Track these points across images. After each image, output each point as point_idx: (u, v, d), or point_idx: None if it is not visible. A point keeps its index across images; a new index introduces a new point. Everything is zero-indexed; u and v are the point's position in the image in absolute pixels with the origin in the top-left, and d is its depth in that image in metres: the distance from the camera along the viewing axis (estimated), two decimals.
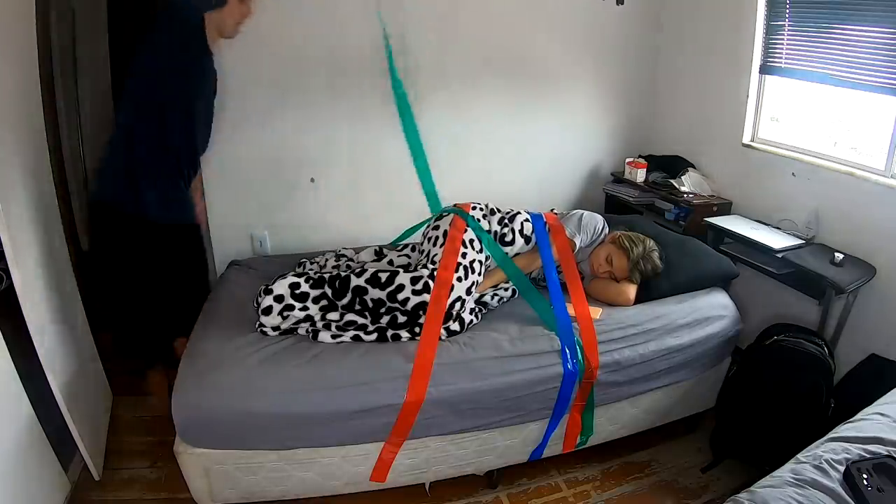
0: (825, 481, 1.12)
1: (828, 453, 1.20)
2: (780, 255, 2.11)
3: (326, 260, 2.08)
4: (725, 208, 2.59)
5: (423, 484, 1.75)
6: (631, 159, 2.93)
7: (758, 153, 2.51)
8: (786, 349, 1.80)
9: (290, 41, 2.35)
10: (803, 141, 2.38)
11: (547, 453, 1.81)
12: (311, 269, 2.02)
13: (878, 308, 2.02)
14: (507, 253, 1.97)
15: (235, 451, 1.52)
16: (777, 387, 1.78)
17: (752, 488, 1.14)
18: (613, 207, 2.94)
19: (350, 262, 2.07)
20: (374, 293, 1.67)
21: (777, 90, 2.48)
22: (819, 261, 2.04)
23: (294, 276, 1.72)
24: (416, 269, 1.75)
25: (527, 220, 2.04)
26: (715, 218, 2.46)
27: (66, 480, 1.68)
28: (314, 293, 1.68)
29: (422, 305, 1.67)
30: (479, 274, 1.85)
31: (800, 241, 2.20)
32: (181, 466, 1.54)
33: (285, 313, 1.66)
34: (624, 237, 1.96)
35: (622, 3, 2.78)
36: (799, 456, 1.22)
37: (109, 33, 3.20)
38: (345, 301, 1.69)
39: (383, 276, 1.69)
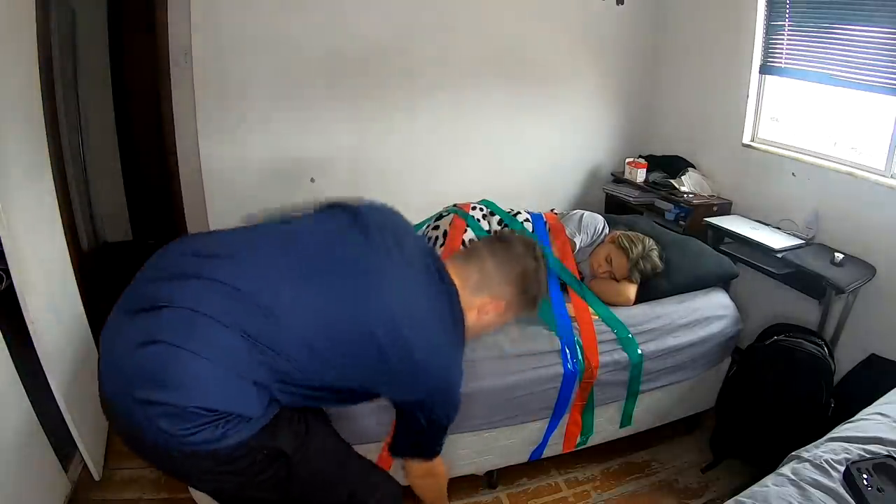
0: (825, 481, 1.11)
1: (828, 453, 1.19)
2: (780, 255, 2.11)
3: None
4: (725, 208, 2.59)
5: None
6: (631, 159, 2.93)
7: (758, 153, 2.51)
8: (786, 349, 1.80)
9: (290, 42, 2.35)
10: (803, 141, 2.38)
11: (547, 453, 1.81)
12: None
13: (878, 308, 2.02)
14: None
15: None
16: (777, 387, 1.78)
17: (752, 488, 1.14)
18: (613, 207, 2.94)
19: None
20: None
21: (777, 90, 2.48)
22: (819, 261, 2.04)
23: None
24: None
25: (527, 220, 2.04)
26: (715, 218, 2.46)
27: (66, 480, 1.68)
28: None
29: None
30: None
31: (800, 241, 2.20)
32: None
33: None
34: (623, 237, 1.96)
35: (622, 3, 2.78)
36: (799, 455, 1.22)
37: (109, 33, 3.21)
38: None
39: None
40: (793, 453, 1.25)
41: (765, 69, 2.47)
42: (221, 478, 0.98)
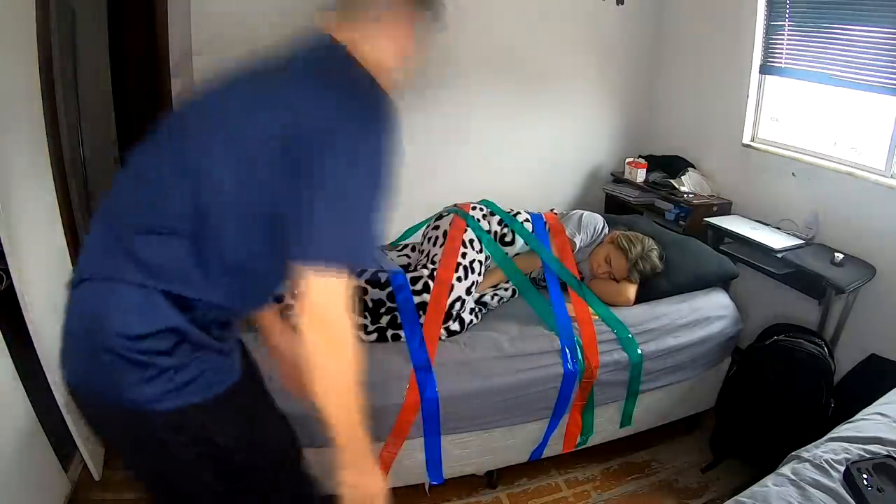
0: (825, 481, 1.12)
1: (828, 453, 1.19)
2: (780, 255, 2.11)
3: None
4: (725, 208, 2.59)
5: (423, 484, 1.75)
6: (631, 159, 2.93)
7: (758, 153, 2.51)
8: (786, 349, 1.80)
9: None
10: (803, 141, 2.38)
11: (547, 453, 1.81)
12: None
13: (878, 308, 2.02)
14: (507, 253, 1.97)
15: None
16: (777, 387, 1.78)
17: (752, 488, 1.14)
18: (613, 207, 2.94)
19: None
20: (374, 293, 1.67)
21: (777, 90, 2.48)
22: (819, 261, 2.04)
23: None
24: (415, 269, 1.75)
25: (527, 219, 2.04)
26: (715, 218, 2.46)
27: (66, 480, 1.68)
28: None
29: (421, 305, 1.67)
30: (479, 274, 1.85)
31: (800, 242, 2.20)
32: None
33: (285, 313, 1.66)
34: (622, 237, 1.96)
35: (622, 3, 2.78)
36: (799, 455, 1.22)
37: (109, 33, 3.21)
38: None
39: (383, 277, 1.69)
40: (793, 453, 1.25)
41: (765, 69, 2.46)
42: (177, 449, 0.88)
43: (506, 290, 1.95)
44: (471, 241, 1.86)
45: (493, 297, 1.91)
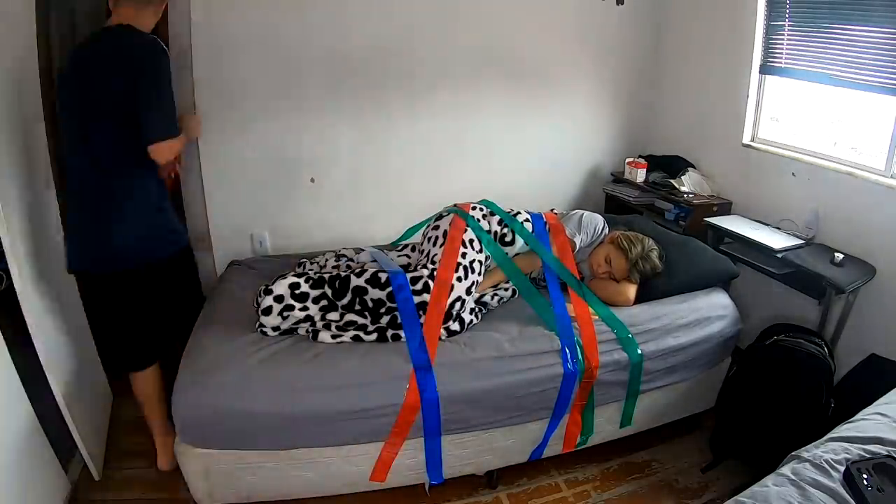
0: (825, 481, 1.12)
1: (828, 453, 1.19)
2: (780, 255, 2.11)
3: (326, 260, 2.08)
4: (725, 208, 2.59)
5: (423, 484, 1.75)
6: (631, 159, 2.93)
7: (758, 153, 2.51)
8: (786, 349, 1.80)
9: (290, 42, 2.35)
10: (803, 141, 2.38)
11: (547, 453, 1.81)
12: (310, 270, 2.02)
13: (878, 308, 2.02)
14: (507, 253, 1.97)
15: (235, 451, 1.52)
16: (777, 387, 1.78)
17: (752, 488, 1.14)
18: (613, 207, 2.94)
19: (350, 263, 2.07)
20: (374, 293, 1.67)
21: (777, 90, 2.48)
22: (819, 261, 2.04)
23: (294, 276, 1.72)
24: (415, 269, 1.76)
25: (527, 220, 2.04)
26: (715, 218, 2.46)
27: (66, 480, 1.68)
28: (314, 293, 1.68)
29: (422, 305, 1.67)
30: (479, 274, 1.85)
31: (800, 241, 2.20)
32: (181, 466, 1.54)
33: (285, 313, 1.66)
34: (622, 237, 1.96)
35: (622, 3, 2.78)
36: (799, 455, 1.22)
37: None
38: (345, 301, 1.69)
39: (383, 277, 1.69)
40: (793, 453, 1.25)
41: (765, 69, 2.46)
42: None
43: (506, 290, 1.95)
44: (471, 241, 1.86)
45: (493, 297, 1.91)
